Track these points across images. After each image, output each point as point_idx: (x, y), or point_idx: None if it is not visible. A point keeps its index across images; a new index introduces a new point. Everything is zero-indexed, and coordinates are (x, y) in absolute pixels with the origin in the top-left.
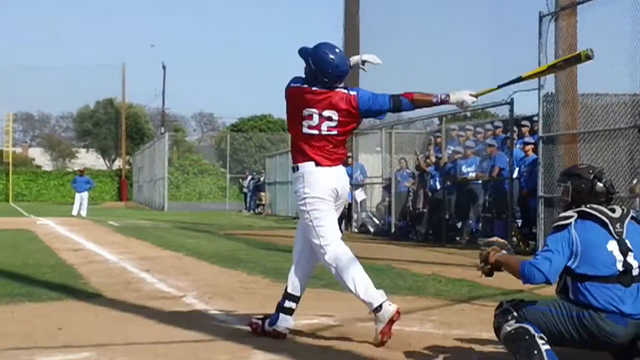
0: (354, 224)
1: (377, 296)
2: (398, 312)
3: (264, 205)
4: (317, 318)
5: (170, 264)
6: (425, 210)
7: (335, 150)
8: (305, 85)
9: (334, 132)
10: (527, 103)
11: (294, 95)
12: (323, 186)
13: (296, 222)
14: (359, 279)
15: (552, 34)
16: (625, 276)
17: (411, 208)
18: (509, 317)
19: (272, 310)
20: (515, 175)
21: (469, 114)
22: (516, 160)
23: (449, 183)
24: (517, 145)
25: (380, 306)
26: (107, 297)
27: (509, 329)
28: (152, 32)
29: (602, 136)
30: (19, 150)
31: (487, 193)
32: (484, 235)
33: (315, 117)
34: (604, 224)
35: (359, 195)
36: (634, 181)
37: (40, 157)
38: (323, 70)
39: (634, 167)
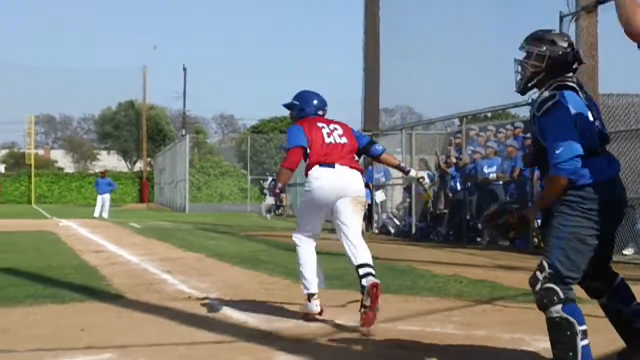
0: (375, 225)
1: (311, 288)
2: (320, 313)
3: (284, 206)
4: (338, 319)
5: (191, 266)
6: (446, 211)
7: None
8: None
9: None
10: None
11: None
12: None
13: None
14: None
15: (572, 34)
16: (601, 147)
17: (432, 209)
18: (555, 299)
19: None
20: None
21: (489, 114)
22: None
23: (469, 184)
24: None
25: (309, 299)
26: (129, 299)
27: (554, 314)
28: (172, 34)
29: (623, 137)
30: (40, 152)
31: (507, 194)
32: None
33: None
34: (576, 90)
35: (379, 196)
36: None
37: (62, 159)
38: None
39: None
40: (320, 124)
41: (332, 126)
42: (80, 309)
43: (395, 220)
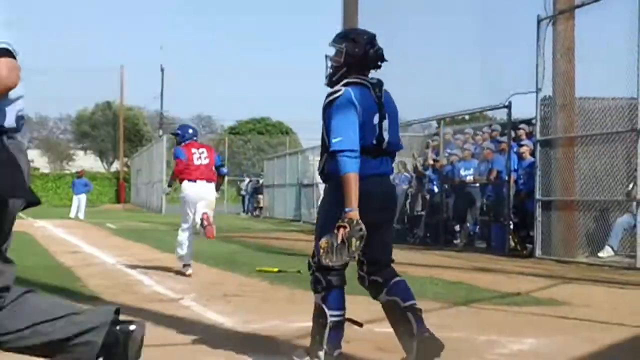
0: None
1: (185, 260)
2: (190, 275)
3: (262, 208)
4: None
5: (168, 267)
6: (423, 213)
7: None
8: None
9: None
10: (524, 106)
11: None
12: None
13: (294, 224)
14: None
15: (550, 37)
16: (376, 148)
17: (409, 211)
18: (319, 288)
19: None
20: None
21: (467, 117)
22: (513, 163)
23: (447, 186)
24: (514, 149)
25: (184, 266)
26: (105, 300)
27: (316, 300)
28: (150, 35)
29: (599, 140)
30: None
31: (484, 196)
32: (482, 238)
33: None
34: (369, 89)
35: None
36: (631, 185)
37: (38, 160)
38: None
39: (631, 171)
40: (193, 149)
41: (201, 150)
42: None
43: None
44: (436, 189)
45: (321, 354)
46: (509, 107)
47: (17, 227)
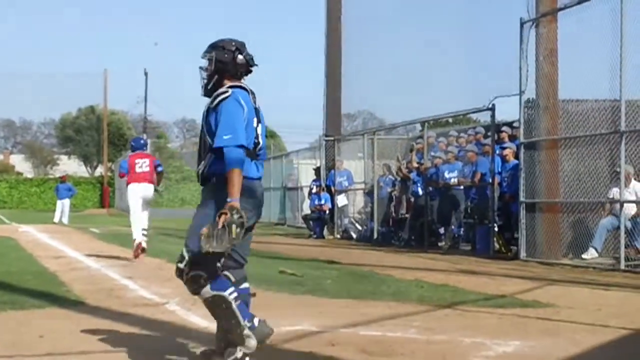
0: (337, 229)
1: (138, 238)
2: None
3: None
4: (299, 324)
5: (153, 271)
6: (407, 215)
7: None
8: None
9: None
10: (507, 109)
11: None
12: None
13: (278, 227)
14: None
15: (532, 40)
16: (253, 152)
17: (394, 214)
18: (202, 282)
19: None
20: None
21: (450, 119)
22: (497, 165)
23: (431, 189)
24: (497, 151)
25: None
26: (90, 305)
27: (207, 296)
28: (134, 37)
29: (582, 142)
30: (0, 157)
31: (469, 198)
32: (466, 240)
33: None
34: (248, 94)
35: (341, 200)
36: (614, 189)
37: (22, 164)
38: None
39: (615, 173)
40: (137, 160)
41: (143, 159)
42: (40, 315)
43: (357, 225)
44: (420, 192)
45: (247, 331)
46: (492, 109)
47: (2, 233)
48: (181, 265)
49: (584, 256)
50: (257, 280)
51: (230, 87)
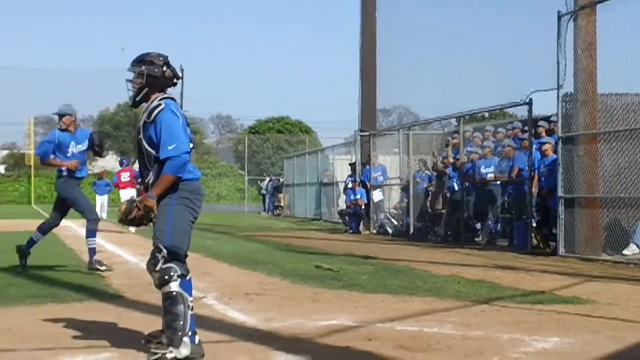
0: (373, 225)
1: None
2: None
3: (282, 207)
4: (336, 319)
5: (190, 266)
6: (444, 211)
7: None
8: None
9: None
10: (545, 103)
11: None
12: None
13: (314, 223)
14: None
15: (571, 33)
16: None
17: (430, 209)
18: (175, 276)
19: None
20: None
21: (486, 114)
22: (535, 160)
23: (467, 184)
24: (535, 146)
25: None
26: (129, 299)
27: (173, 290)
28: (172, 35)
29: (623, 136)
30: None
31: (506, 194)
32: (504, 236)
33: None
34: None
35: (377, 196)
36: None
37: None
38: None
39: None
40: (122, 174)
41: (127, 173)
42: (80, 309)
43: (393, 220)
44: (457, 187)
45: (187, 339)
46: (530, 104)
47: None
48: (158, 256)
49: (624, 252)
50: (294, 275)
51: (162, 99)
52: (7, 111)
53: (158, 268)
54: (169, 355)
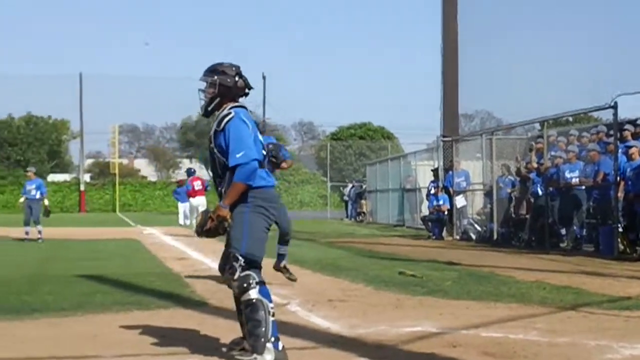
0: (456, 231)
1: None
2: None
3: (365, 213)
4: (419, 325)
5: (273, 272)
6: (527, 216)
7: None
8: None
9: None
10: (631, 106)
11: None
12: None
13: (397, 229)
14: None
15: None
16: (262, 162)
17: (513, 214)
18: (253, 283)
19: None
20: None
21: (570, 118)
22: (621, 164)
23: (551, 189)
24: (620, 150)
25: None
26: (212, 305)
27: (253, 297)
28: (250, 41)
29: None
30: (125, 161)
31: (591, 198)
32: (589, 241)
33: None
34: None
35: (460, 201)
36: None
37: (146, 168)
38: None
39: None
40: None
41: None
42: (164, 316)
43: (476, 226)
44: (540, 192)
45: (270, 345)
46: (615, 107)
47: (127, 235)
48: (236, 264)
49: None
50: (377, 282)
51: (232, 107)
52: (91, 119)
53: (236, 276)
54: None
